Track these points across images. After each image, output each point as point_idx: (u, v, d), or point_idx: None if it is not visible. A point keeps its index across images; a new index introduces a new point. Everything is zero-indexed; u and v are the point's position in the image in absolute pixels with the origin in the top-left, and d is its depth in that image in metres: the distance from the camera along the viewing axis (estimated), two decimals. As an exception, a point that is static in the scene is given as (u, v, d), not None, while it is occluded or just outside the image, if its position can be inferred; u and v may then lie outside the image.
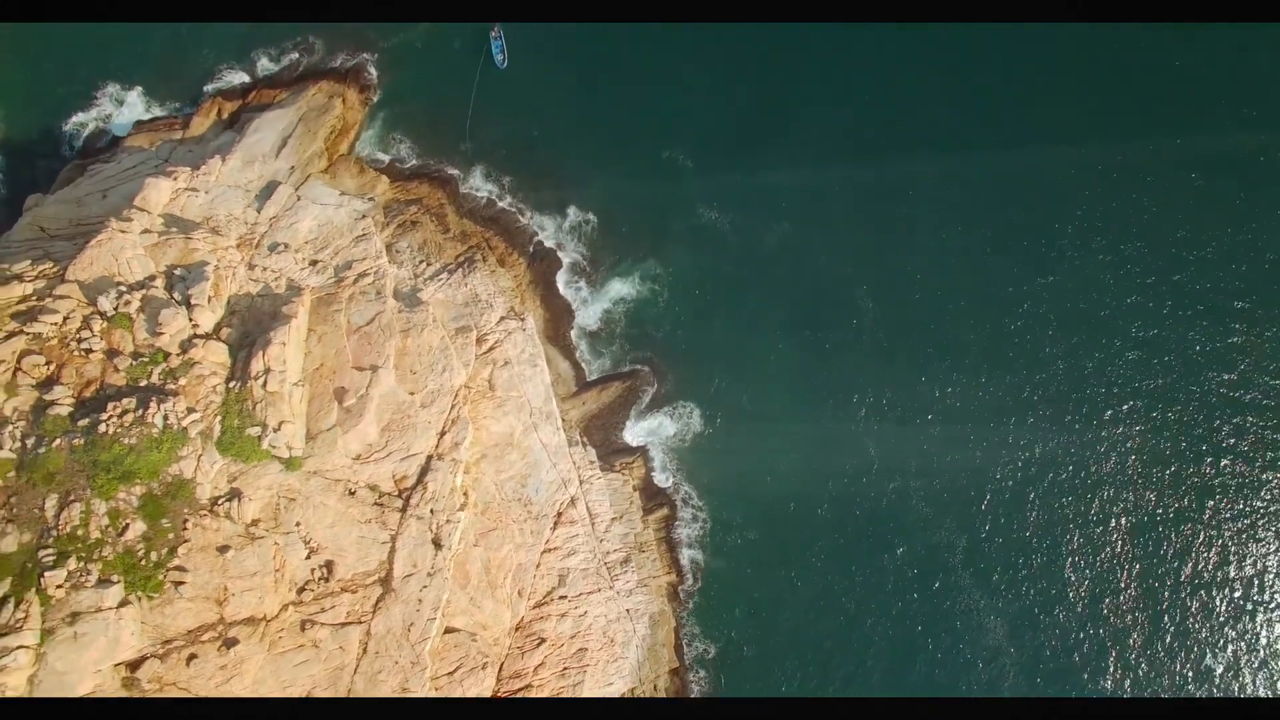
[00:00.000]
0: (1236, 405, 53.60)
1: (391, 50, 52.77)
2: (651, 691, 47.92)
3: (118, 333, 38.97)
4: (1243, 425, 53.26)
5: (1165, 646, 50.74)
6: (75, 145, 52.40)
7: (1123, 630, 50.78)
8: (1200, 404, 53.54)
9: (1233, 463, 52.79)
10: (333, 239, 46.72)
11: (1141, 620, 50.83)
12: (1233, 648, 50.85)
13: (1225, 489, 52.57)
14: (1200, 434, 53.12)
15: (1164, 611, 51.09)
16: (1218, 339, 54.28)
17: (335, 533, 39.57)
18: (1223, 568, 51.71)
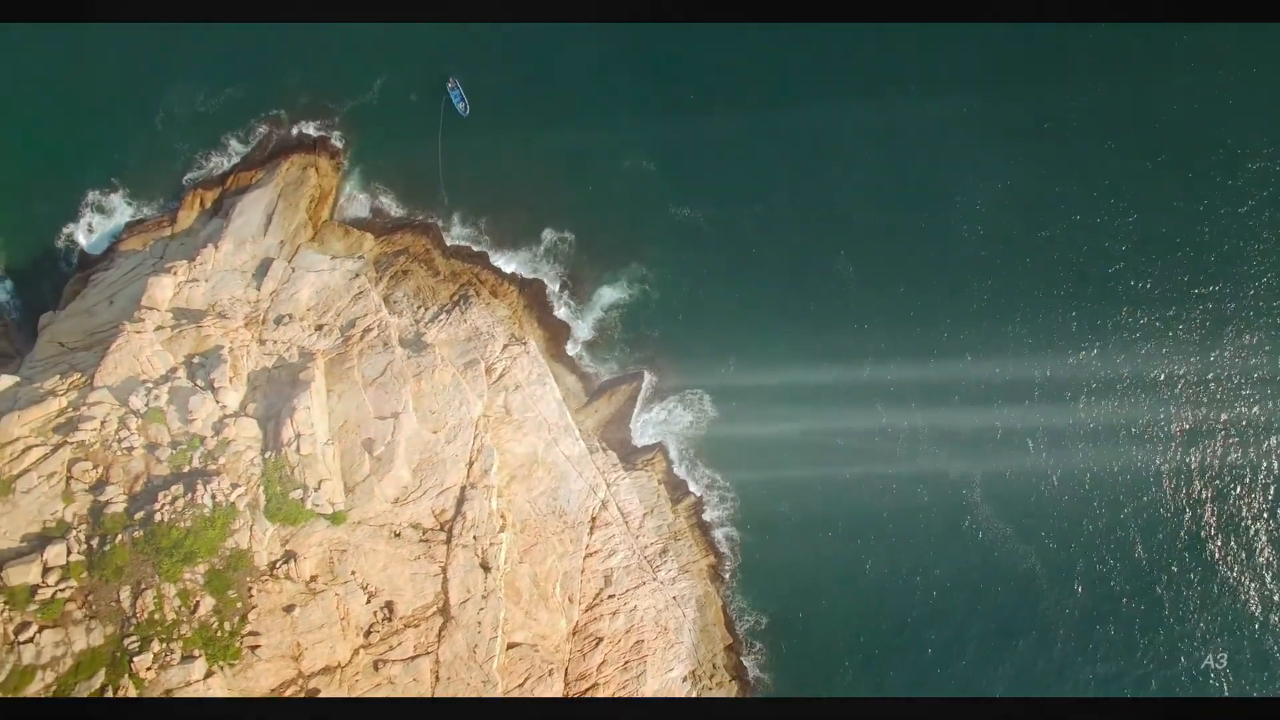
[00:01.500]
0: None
1: (351, 114, 55.49)
2: (711, 670, 50.67)
3: (153, 427, 41.74)
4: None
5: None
6: (72, 260, 55.02)
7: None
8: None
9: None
10: (332, 301, 49.51)
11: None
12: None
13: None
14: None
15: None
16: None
17: (389, 574, 42.34)
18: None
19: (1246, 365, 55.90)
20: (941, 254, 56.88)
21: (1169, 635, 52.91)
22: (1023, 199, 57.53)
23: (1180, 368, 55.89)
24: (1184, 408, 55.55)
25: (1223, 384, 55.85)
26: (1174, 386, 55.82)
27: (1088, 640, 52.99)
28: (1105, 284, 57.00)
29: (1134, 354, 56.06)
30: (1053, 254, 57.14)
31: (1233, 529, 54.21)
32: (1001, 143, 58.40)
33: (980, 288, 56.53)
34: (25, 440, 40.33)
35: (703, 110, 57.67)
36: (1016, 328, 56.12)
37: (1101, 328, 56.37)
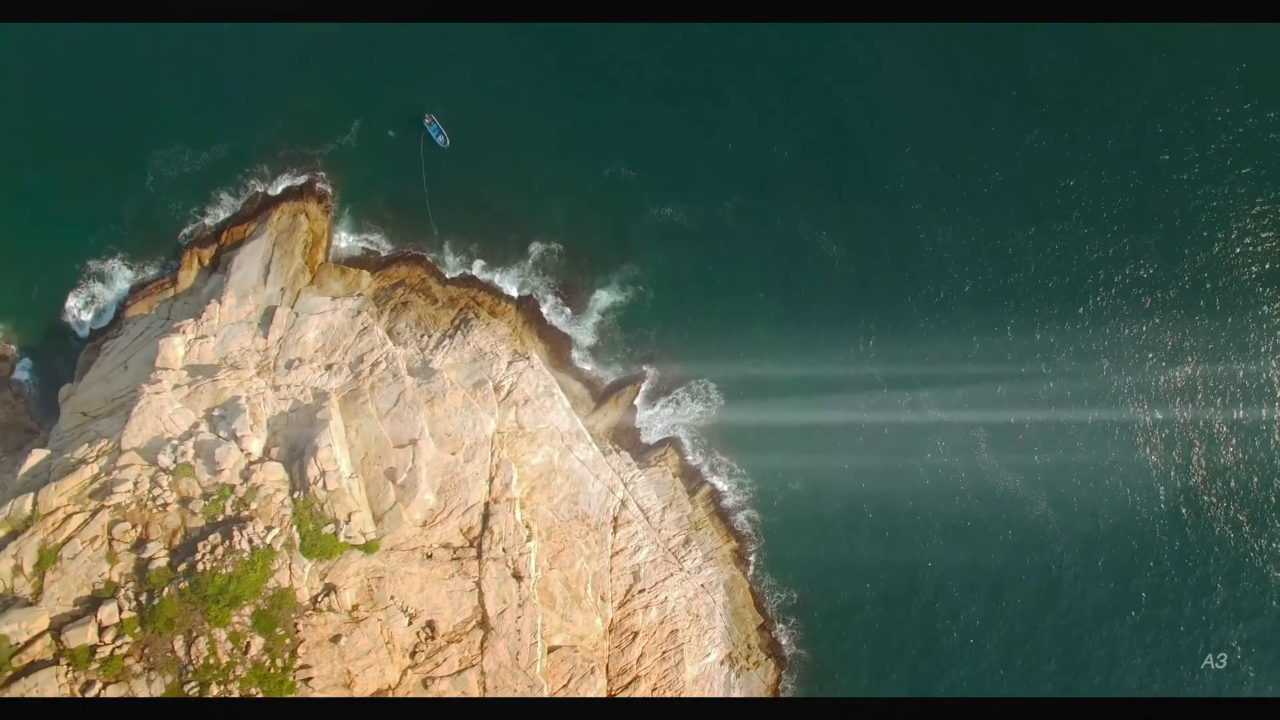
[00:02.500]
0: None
1: (333, 157, 57.30)
2: (747, 650, 52.57)
3: (184, 481, 43.68)
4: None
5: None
6: (81, 331, 56.88)
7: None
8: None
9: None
10: (338, 340, 51.41)
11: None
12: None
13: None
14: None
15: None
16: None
17: (427, 594, 44.26)
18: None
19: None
20: (921, 229, 58.85)
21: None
22: (1008, 175, 59.46)
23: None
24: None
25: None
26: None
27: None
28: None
29: (1138, 348, 57.64)
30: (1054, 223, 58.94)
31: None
32: (982, 122, 60.33)
33: (967, 264, 58.64)
34: (65, 509, 42.29)
35: (674, 113, 59.63)
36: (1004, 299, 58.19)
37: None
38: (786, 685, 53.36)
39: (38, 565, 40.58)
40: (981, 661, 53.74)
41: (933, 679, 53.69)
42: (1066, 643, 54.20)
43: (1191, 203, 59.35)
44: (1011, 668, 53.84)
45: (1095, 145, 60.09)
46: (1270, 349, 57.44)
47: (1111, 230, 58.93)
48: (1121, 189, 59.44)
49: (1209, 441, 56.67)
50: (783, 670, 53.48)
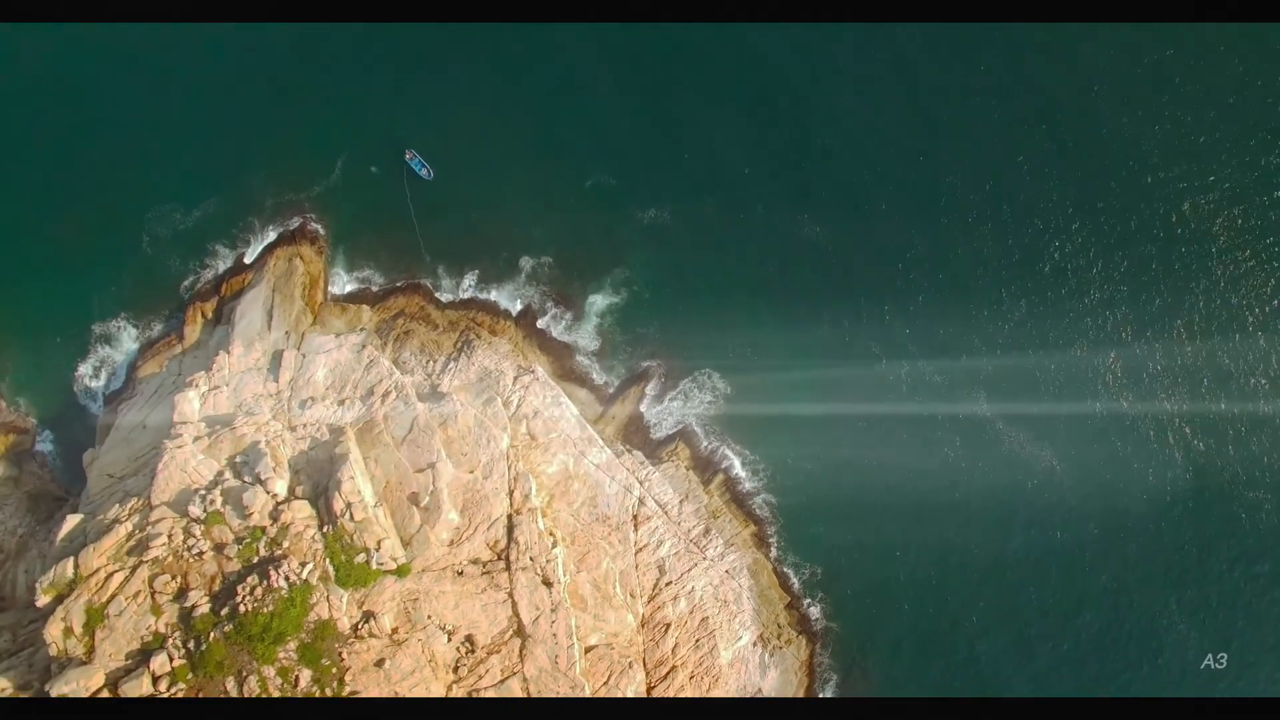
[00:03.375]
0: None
1: (321, 198, 58.97)
2: (777, 629, 54.20)
3: (216, 529, 45.38)
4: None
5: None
6: (95, 397, 58.63)
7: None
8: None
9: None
10: (347, 376, 53.12)
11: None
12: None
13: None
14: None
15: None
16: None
17: (462, 610, 45.94)
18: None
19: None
20: (895, 204, 60.71)
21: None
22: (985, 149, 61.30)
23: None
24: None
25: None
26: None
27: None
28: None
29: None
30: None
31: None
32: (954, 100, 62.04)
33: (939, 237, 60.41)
34: (105, 569, 43.97)
35: (647, 119, 61.31)
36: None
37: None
38: (821, 659, 55.02)
39: (86, 625, 42.28)
40: (1005, 625, 55.43)
41: (962, 642, 55.29)
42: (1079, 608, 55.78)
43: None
44: (1027, 620, 55.55)
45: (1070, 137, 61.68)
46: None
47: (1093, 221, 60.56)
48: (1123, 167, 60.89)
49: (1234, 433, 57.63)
50: (815, 645, 55.10)
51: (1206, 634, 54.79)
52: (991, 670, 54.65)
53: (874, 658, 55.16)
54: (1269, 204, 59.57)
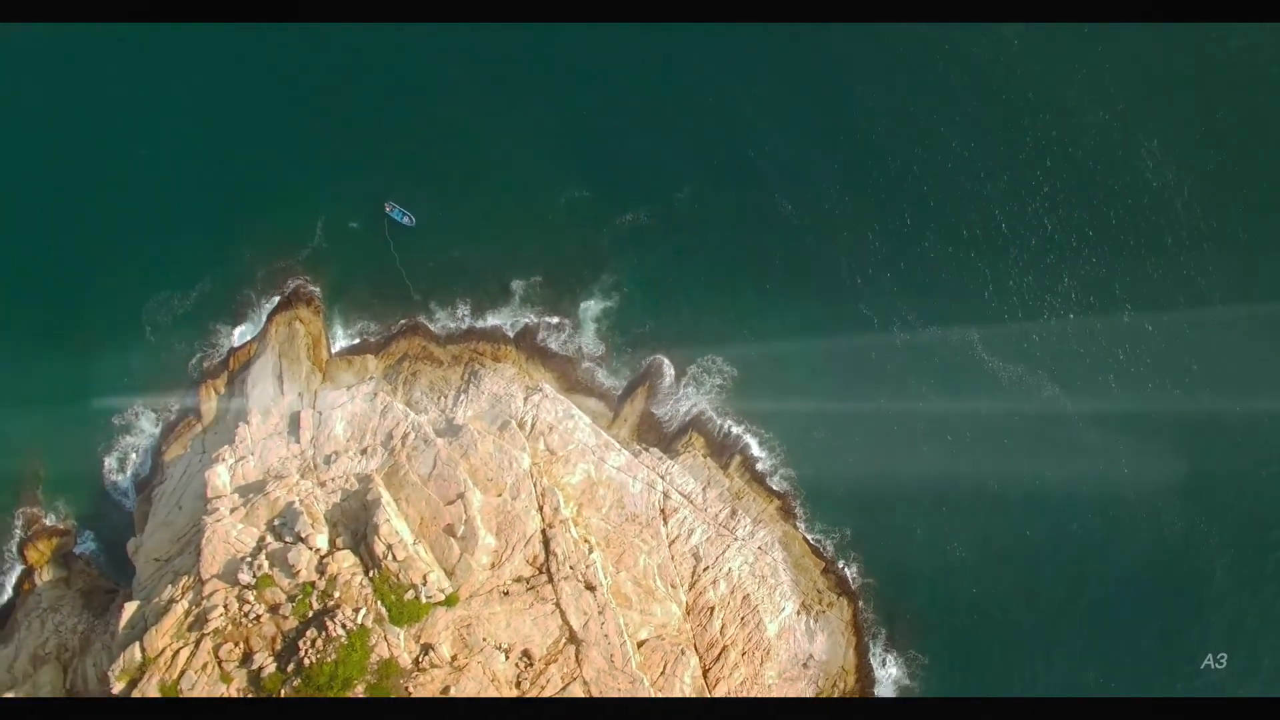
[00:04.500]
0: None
1: (309, 261, 61.34)
2: (818, 595, 56.44)
3: (268, 591, 47.68)
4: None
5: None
6: (126, 487, 61.01)
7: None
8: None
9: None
10: (365, 425, 55.42)
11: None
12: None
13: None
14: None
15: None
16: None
17: (514, 627, 48.24)
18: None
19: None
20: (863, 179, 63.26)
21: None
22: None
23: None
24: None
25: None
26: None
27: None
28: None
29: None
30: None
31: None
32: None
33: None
34: (170, 647, 46.31)
35: (607, 127, 63.76)
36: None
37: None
38: (865, 615, 57.25)
39: (163, 703, 44.58)
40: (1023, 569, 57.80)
41: (993, 581, 57.44)
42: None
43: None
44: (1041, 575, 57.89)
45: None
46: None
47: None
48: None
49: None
50: (857, 603, 57.33)
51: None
52: (1012, 601, 57.17)
53: (915, 603, 57.40)
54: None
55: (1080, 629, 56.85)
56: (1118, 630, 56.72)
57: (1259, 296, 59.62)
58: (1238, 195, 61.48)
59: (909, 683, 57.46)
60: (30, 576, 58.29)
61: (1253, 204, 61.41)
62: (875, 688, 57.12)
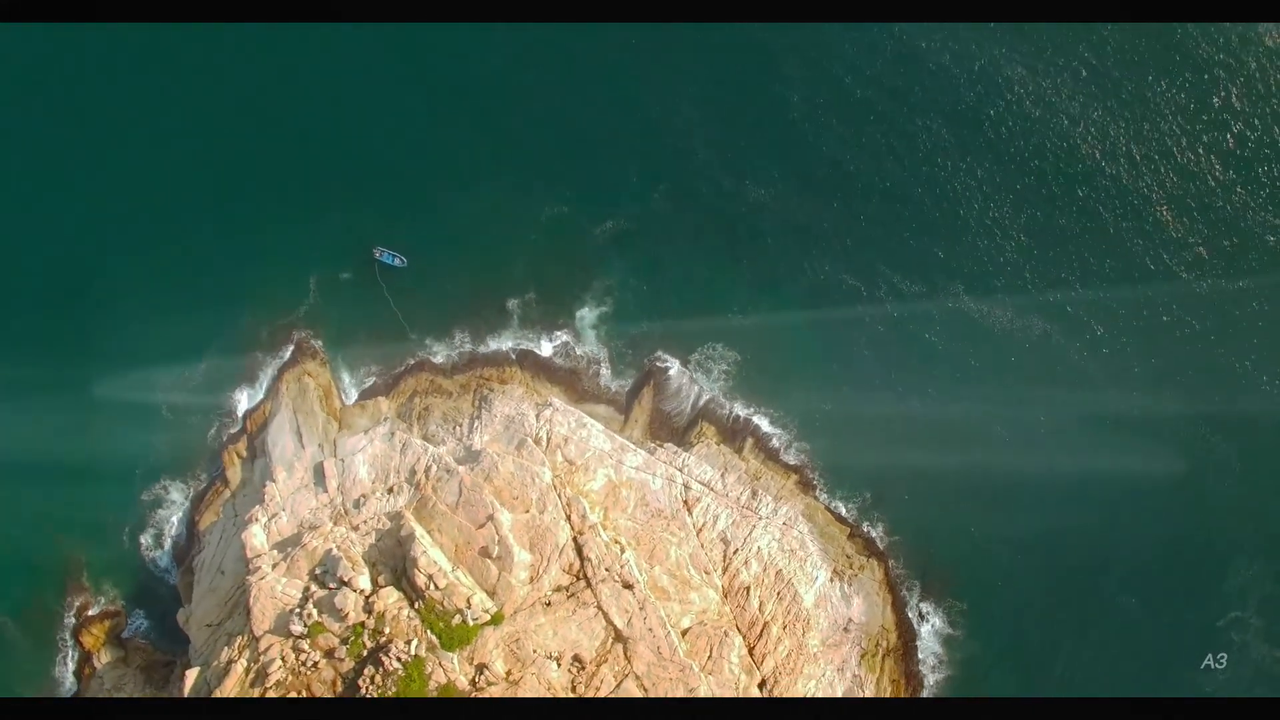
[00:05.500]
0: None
1: (308, 316, 63.36)
2: (848, 561, 58.60)
3: (321, 638, 49.91)
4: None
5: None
6: (165, 562, 63.20)
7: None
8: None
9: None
10: (387, 464, 57.64)
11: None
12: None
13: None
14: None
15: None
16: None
17: (561, 635, 50.41)
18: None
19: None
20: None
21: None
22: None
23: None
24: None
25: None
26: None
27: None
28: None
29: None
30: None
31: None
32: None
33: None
34: (237, 705, 48.51)
35: (573, 140, 65.74)
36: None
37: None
38: (896, 572, 59.45)
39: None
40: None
41: (1012, 527, 59.75)
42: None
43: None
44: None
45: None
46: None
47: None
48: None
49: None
50: (887, 562, 59.49)
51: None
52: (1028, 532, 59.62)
53: (944, 554, 59.59)
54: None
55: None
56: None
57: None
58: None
59: (952, 630, 59.67)
60: (89, 662, 60.51)
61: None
62: (918, 640, 59.34)
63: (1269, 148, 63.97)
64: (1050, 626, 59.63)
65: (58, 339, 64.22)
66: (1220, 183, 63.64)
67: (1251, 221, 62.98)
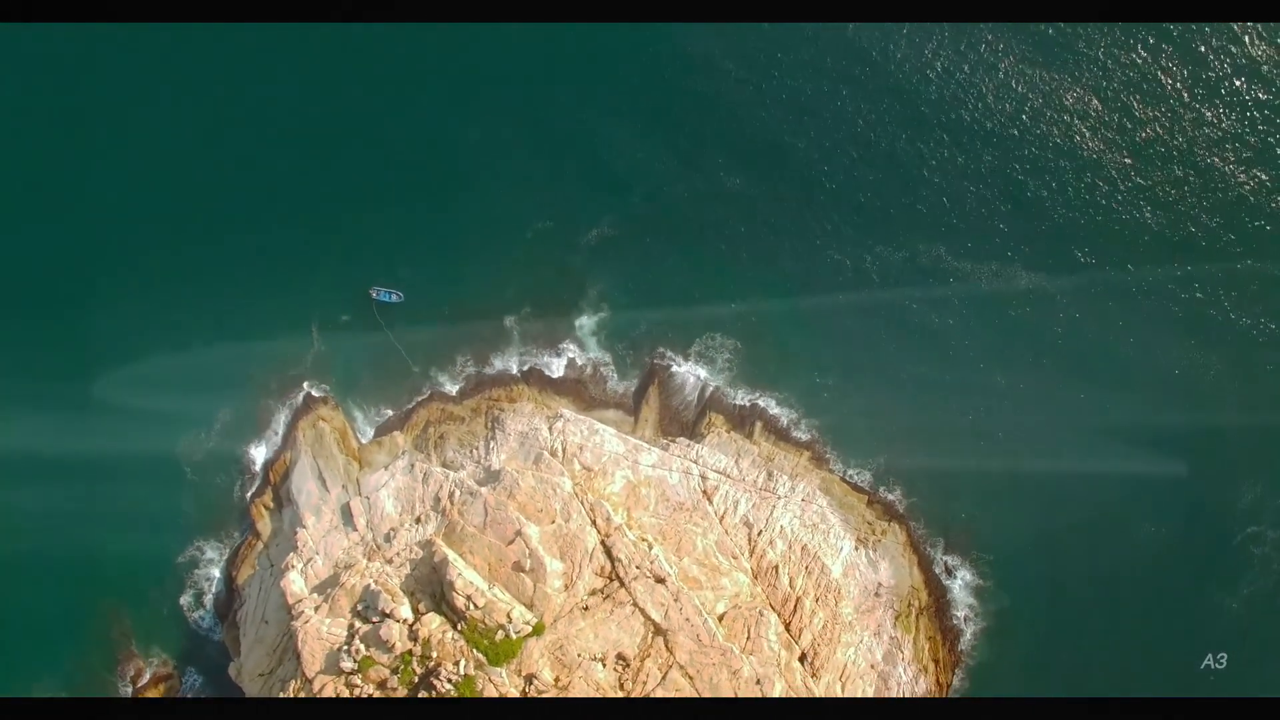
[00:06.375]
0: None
1: (316, 364, 65.42)
2: (869, 528, 60.51)
3: (372, 671, 51.93)
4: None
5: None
6: (208, 620, 65.27)
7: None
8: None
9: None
10: (411, 496, 59.65)
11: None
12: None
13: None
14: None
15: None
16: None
17: (602, 636, 52.38)
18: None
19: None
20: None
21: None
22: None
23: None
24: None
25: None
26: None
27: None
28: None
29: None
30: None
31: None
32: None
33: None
34: (300, 746, 50.48)
35: (545, 155, 67.76)
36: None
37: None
38: (918, 532, 61.36)
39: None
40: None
41: (1026, 476, 61.88)
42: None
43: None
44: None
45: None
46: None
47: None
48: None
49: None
50: (908, 524, 61.44)
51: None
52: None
53: (962, 509, 61.53)
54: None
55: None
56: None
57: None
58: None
59: (981, 581, 61.58)
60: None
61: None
62: (950, 595, 61.25)
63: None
64: (1076, 563, 61.47)
65: (73, 412, 66.35)
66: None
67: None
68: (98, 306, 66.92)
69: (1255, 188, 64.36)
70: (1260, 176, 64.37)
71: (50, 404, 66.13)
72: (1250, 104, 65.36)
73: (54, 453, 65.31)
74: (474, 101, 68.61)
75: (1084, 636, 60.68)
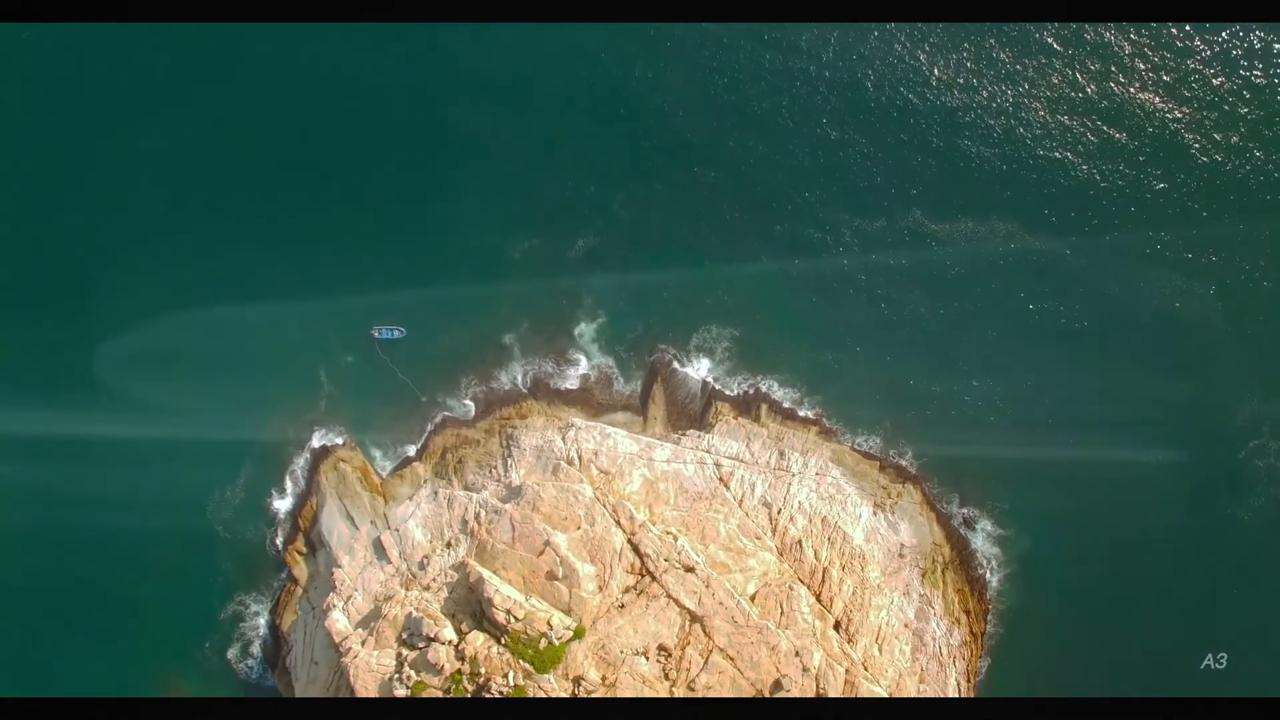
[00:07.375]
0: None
1: (329, 408, 67.76)
2: (884, 492, 62.77)
3: (425, 692, 54.24)
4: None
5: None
6: (260, 669, 67.63)
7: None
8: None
9: None
10: (438, 522, 62.00)
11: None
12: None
13: None
14: None
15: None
16: None
17: (641, 630, 54.69)
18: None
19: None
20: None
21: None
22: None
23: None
24: None
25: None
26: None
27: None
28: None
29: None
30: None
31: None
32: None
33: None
34: (366, 775, 52.80)
35: (521, 170, 70.09)
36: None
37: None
38: (933, 490, 63.67)
39: (382, 822, 51.05)
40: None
41: (1032, 420, 64.36)
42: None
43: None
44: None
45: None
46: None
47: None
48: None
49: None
50: (922, 483, 63.72)
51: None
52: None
53: (972, 462, 63.82)
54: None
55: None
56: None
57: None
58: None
59: (1002, 530, 63.83)
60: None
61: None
62: (973, 547, 63.48)
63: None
64: (1089, 504, 63.68)
65: (104, 488, 68.96)
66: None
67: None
68: (109, 374, 69.64)
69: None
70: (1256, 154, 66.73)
71: (88, 486, 68.86)
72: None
73: (92, 531, 67.89)
74: (447, 140, 70.87)
75: (1106, 568, 63.12)
